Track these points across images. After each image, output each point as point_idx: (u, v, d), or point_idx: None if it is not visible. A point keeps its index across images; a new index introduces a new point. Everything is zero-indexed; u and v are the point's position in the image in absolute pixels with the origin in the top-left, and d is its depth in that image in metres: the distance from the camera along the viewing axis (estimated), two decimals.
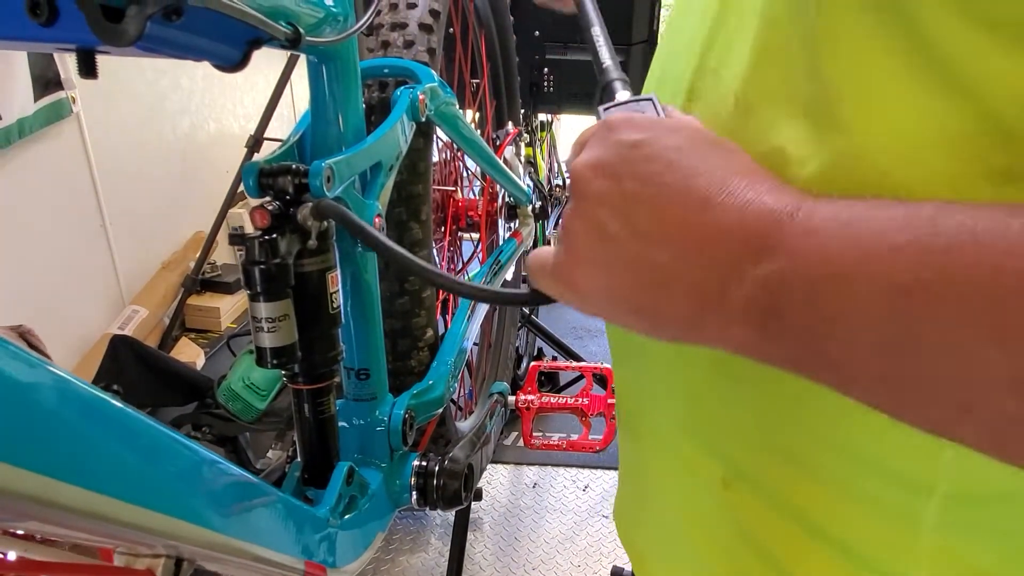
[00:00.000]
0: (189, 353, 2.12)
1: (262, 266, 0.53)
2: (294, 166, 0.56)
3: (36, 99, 1.73)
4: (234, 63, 0.48)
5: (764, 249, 0.26)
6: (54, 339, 1.65)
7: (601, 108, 0.37)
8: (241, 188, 2.18)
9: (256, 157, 2.11)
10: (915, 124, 0.27)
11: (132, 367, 1.63)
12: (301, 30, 0.50)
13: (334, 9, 0.58)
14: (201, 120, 2.44)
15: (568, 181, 0.34)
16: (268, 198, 0.56)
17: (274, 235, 0.53)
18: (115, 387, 0.90)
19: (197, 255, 2.19)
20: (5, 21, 0.43)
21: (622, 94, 0.39)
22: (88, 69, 0.43)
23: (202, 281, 2.24)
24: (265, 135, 2.09)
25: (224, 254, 2.50)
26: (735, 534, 0.40)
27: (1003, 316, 0.20)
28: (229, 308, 2.33)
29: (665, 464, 0.45)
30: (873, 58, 0.27)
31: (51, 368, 0.34)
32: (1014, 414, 0.21)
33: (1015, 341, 0.20)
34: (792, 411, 0.35)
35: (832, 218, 0.25)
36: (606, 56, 0.42)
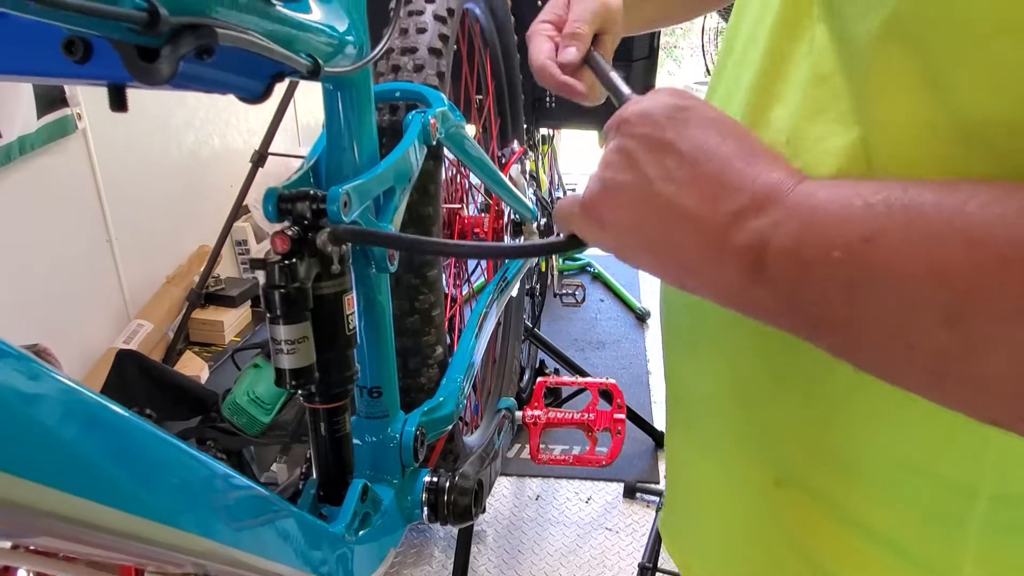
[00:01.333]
0: (193, 367, 2.13)
1: (282, 290, 0.54)
2: (312, 192, 0.57)
3: (40, 116, 1.75)
4: (257, 95, 0.50)
5: (767, 205, 0.30)
6: (60, 353, 1.65)
7: None
8: (245, 202, 2.20)
9: (260, 172, 2.13)
10: (939, 169, 0.30)
11: (137, 381, 1.64)
12: (320, 61, 0.52)
13: (350, 38, 0.60)
14: (206, 135, 2.46)
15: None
16: (287, 223, 0.57)
17: (293, 260, 0.55)
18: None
19: (201, 269, 2.21)
20: (40, 58, 0.45)
21: None
22: (119, 103, 0.45)
23: (206, 295, 2.26)
24: (269, 150, 2.11)
25: (228, 267, 2.52)
26: (782, 539, 0.42)
27: (941, 258, 0.24)
28: (233, 321, 2.34)
29: (717, 467, 0.47)
30: (908, 119, 0.31)
31: (73, 384, 0.35)
32: (947, 348, 0.25)
33: (949, 277, 0.24)
34: (839, 415, 0.38)
35: (824, 186, 0.29)
36: (626, 89, 0.49)
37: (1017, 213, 0.23)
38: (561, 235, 0.42)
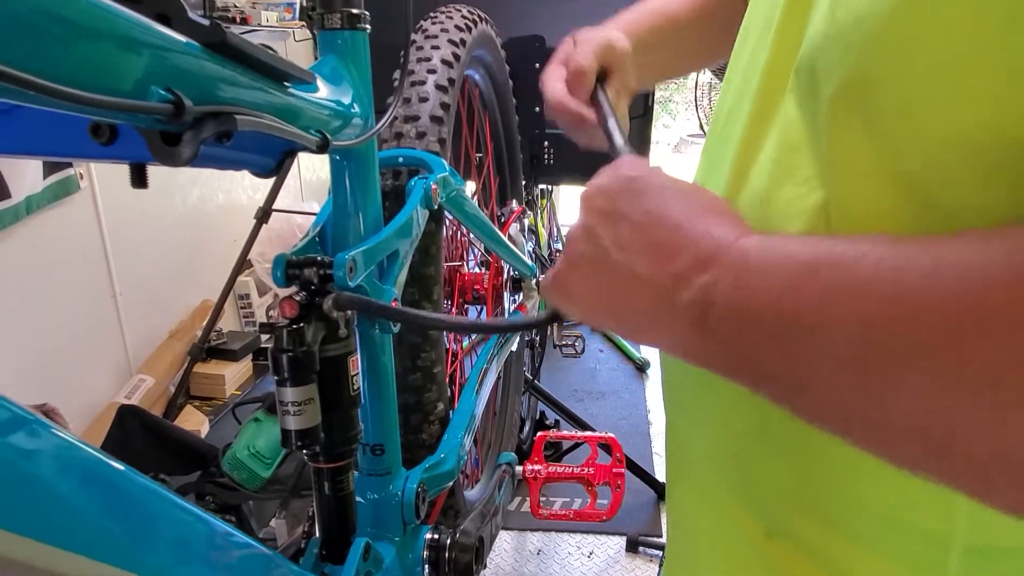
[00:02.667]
0: (194, 421, 2.13)
1: (290, 354, 0.56)
2: (319, 258, 0.60)
3: (45, 176, 1.80)
4: (270, 170, 0.53)
5: (708, 263, 0.32)
6: (62, 408, 1.67)
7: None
8: (248, 257, 2.23)
9: (264, 227, 2.17)
10: (894, 231, 0.32)
11: (138, 436, 1.64)
12: (328, 136, 0.55)
13: (356, 111, 0.63)
14: (210, 191, 2.51)
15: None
16: (295, 288, 0.59)
17: (301, 324, 0.57)
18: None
19: (204, 323, 2.22)
20: (67, 141, 0.48)
21: None
22: (140, 181, 0.48)
23: (208, 348, 2.27)
24: (273, 207, 2.15)
25: (230, 322, 2.54)
26: None
27: (839, 310, 0.27)
28: (234, 375, 2.35)
29: (713, 519, 0.49)
30: (863, 184, 0.34)
31: (72, 441, 0.37)
32: (856, 393, 0.27)
33: (848, 328, 0.27)
34: (822, 468, 0.40)
35: (760, 243, 0.32)
36: (620, 141, 0.53)
37: (918, 269, 0.25)
38: (545, 310, 0.45)
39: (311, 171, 3.13)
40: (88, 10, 0.32)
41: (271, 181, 2.16)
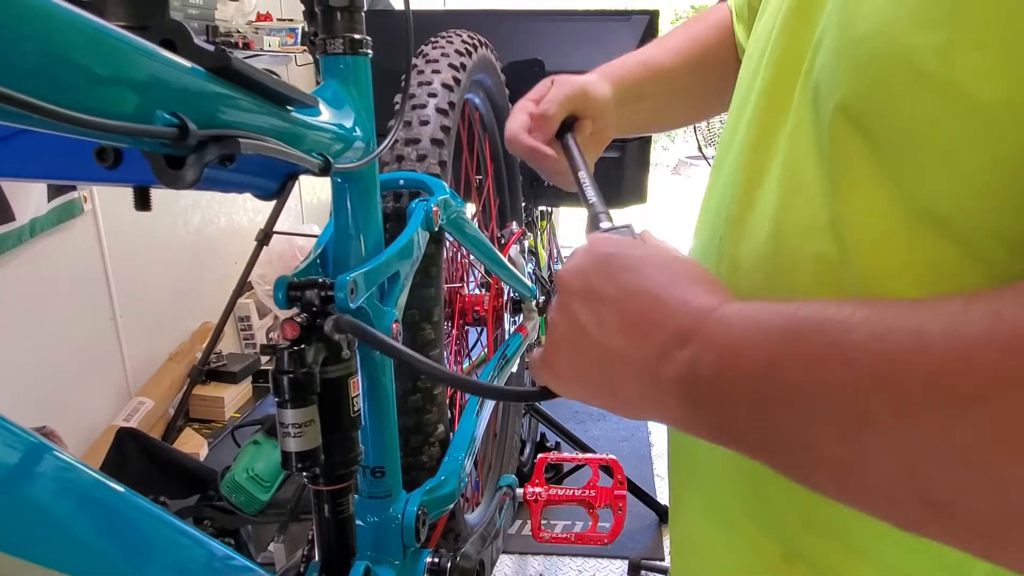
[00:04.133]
0: (193, 444, 2.12)
1: (291, 375, 0.56)
2: (320, 280, 0.60)
3: (50, 199, 1.81)
4: (272, 192, 0.54)
5: (688, 336, 0.32)
6: (61, 430, 1.66)
7: (588, 235, 0.45)
8: (249, 279, 2.23)
9: (264, 250, 2.18)
10: (905, 248, 0.33)
11: (137, 459, 1.63)
12: (330, 159, 0.55)
13: (357, 134, 0.64)
14: (212, 214, 2.52)
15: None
16: (297, 310, 0.60)
17: (302, 345, 0.57)
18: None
19: (204, 345, 2.22)
20: (73, 165, 0.49)
21: (605, 224, 0.47)
22: (143, 203, 0.48)
23: (208, 371, 2.27)
24: (274, 229, 2.16)
25: (230, 344, 2.54)
26: None
27: (825, 378, 0.27)
28: (233, 397, 2.34)
29: (725, 540, 0.49)
30: (869, 201, 0.34)
31: (71, 462, 0.37)
32: (843, 460, 0.27)
33: (834, 395, 0.26)
34: None
35: (740, 311, 0.32)
36: (592, 194, 0.52)
37: (887, 330, 0.26)
38: (536, 386, 0.45)
39: (312, 194, 3.15)
40: (95, 37, 0.33)
41: (272, 204, 2.17)
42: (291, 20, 2.60)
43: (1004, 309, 0.23)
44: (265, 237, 2.15)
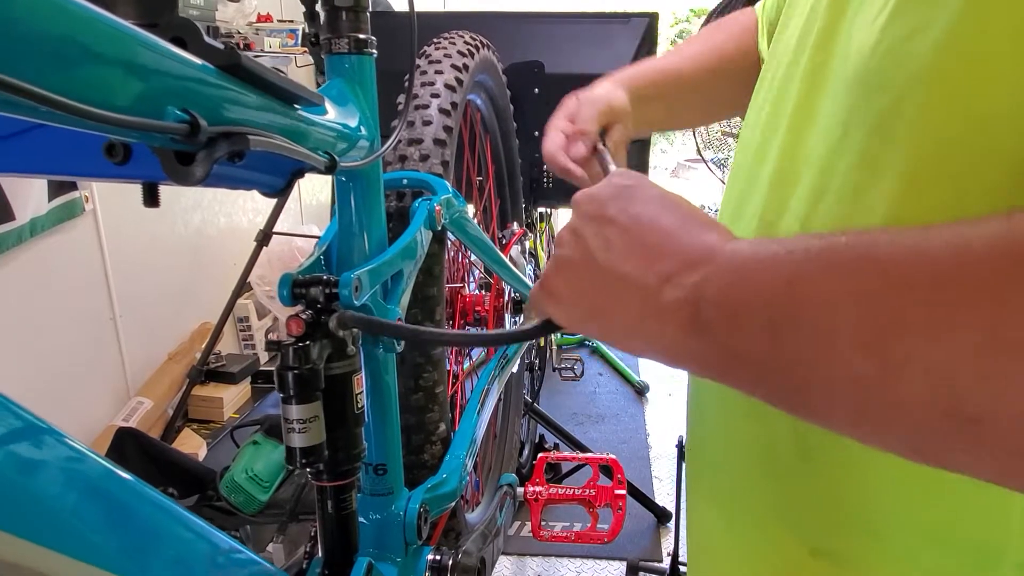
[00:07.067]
0: (191, 444, 2.12)
1: (296, 371, 0.56)
2: (325, 277, 0.61)
3: (50, 199, 1.81)
4: (278, 189, 0.54)
5: (698, 263, 0.33)
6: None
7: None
8: (248, 279, 2.23)
9: (264, 250, 2.18)
10: None
11: (136, 459, 1.63)
12: (336, 157, 0.56)
13: (362, 134, 0.64)
14: (212, 215, 2.52)
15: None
16: (301, 307, 0.60)
17: (307, 342, 0.57)
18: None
19: (203, 346, 2.22)
20: (82, 161, 0.49)
21: None
22: (152, 199, 0.49)
23: (207, 371, 2.27)
24: (273, 229, 2.16)
25: (229, 344, 2.54)
26: None
27: (855, 286, 0.26)
28: (232, 398, 2.34)
29: (750, 539, 0.49)
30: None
31: (81, 449, 0.37)
32: (865, 375, 0.25)
33: (862, 302, 0.26)
34: (866, 484, 0.39)
35: (751, 243, 0.32)
36: (611, 162, 0.60)
37: (923, 239, 0.25)
38: (536, 320, 0.45)
39: (311, 194, 3.15)
40: (107, 32, 0.33)
41: (272, 205, 2.18)
42: (291, 21, 2.61)
43: None
44: (264, 238, 2.15)
